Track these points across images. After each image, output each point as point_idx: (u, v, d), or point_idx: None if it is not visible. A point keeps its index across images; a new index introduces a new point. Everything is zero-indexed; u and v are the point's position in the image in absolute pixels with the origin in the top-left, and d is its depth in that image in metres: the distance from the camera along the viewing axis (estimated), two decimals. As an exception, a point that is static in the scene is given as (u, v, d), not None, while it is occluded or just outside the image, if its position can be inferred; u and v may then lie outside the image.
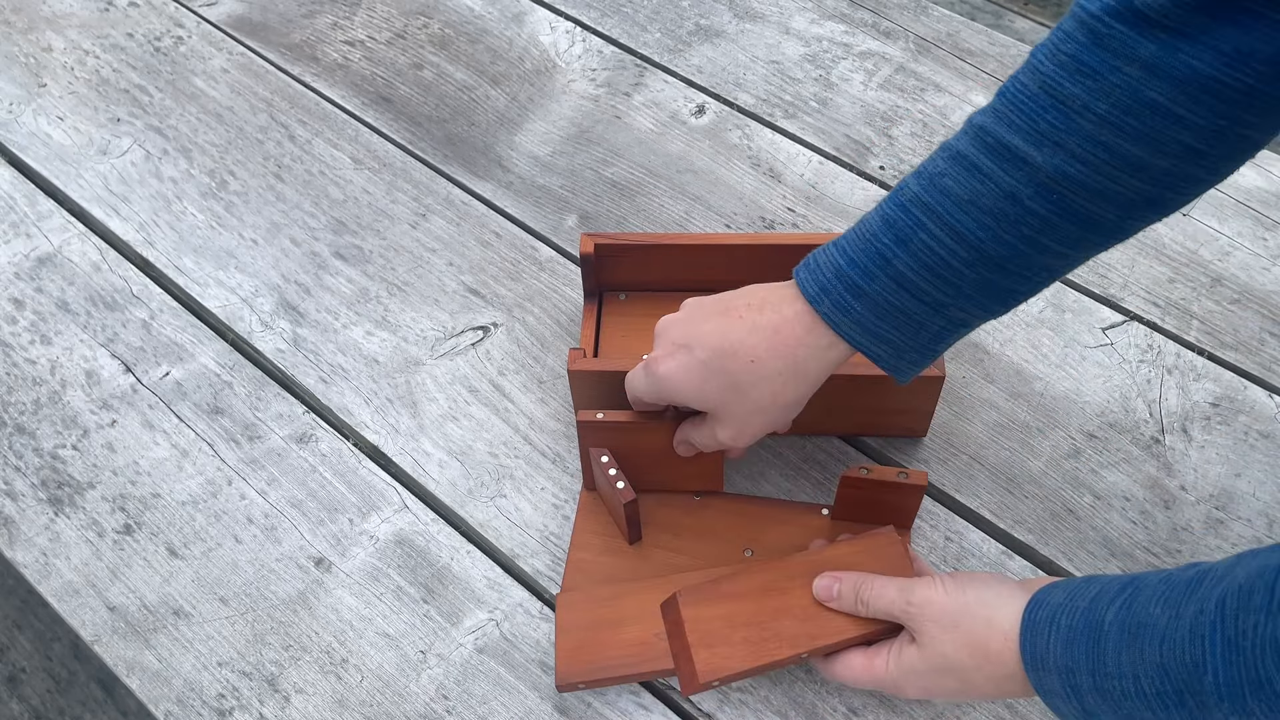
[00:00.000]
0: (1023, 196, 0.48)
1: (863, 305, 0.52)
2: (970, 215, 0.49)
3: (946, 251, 0.50)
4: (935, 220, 0.50)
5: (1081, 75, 0.46)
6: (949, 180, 0.50)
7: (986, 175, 0.49)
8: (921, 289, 0.51)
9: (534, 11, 1.00)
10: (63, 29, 0.99)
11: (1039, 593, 0.50)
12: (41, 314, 0.80)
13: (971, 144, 0.50)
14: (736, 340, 0.55)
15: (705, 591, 0.58)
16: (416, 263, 0.82)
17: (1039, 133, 0.48)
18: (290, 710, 0.62)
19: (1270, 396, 0.73)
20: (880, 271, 0.51)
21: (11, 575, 1.36)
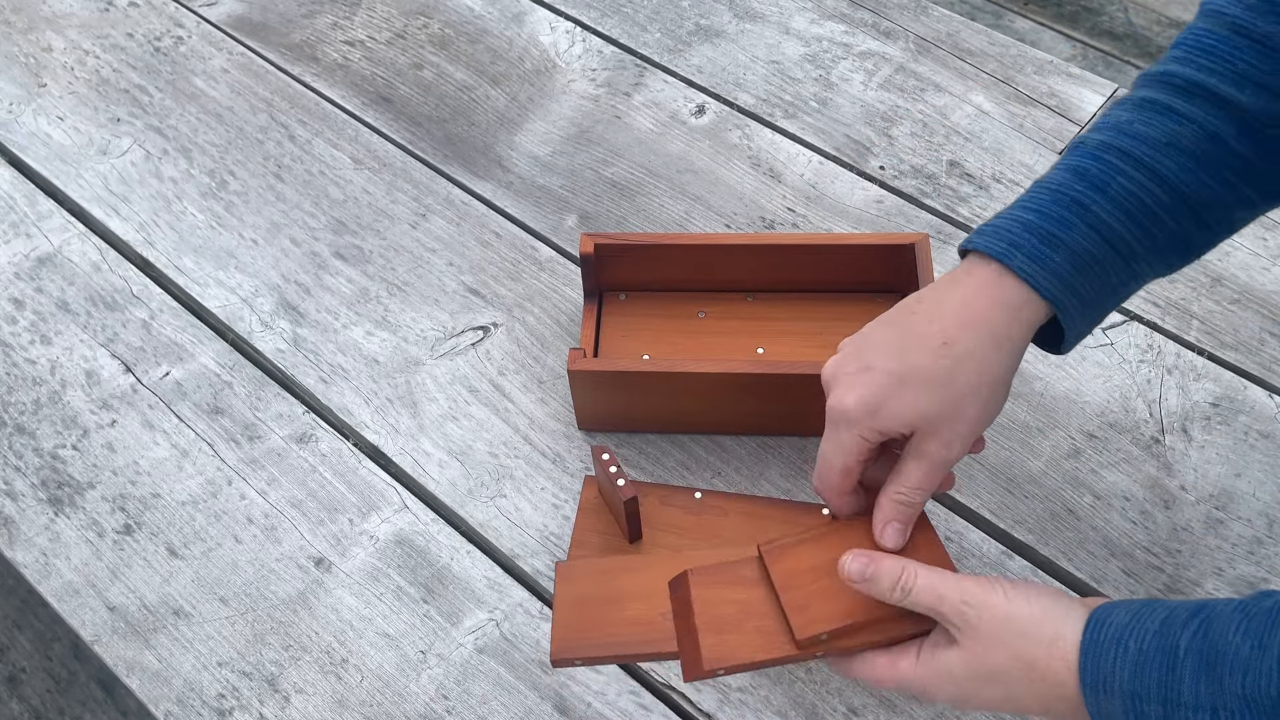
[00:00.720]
0: (1227, 137, 0.46)
1: (1061, 255, 0.48)
2: (1171, 157, 0.47)
3: (1149, 196, 0.48)
4: (1133, 164, 0.47)
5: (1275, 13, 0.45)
6: (1140, 126, 0.48)
7: (1185, 117, 0.47)
8: (1121, 236, 0.48)
9: (534, 11, 1.00)
10: (63, 29, 0.99)
11: (1098, 611, 0.46)
12: (41, 314, 0.80)
13: (1159, 90, 0.47)
14: (920, 332, 0.50)
15: (719, 573, 0.54)
16: (416, 263, 0.82)
17: (1237, 73, 0.46)
18: (290, 710, 0.62)
19: (1270, 396, 0.73)
20: (1078, 219, 0.48)
21: (11, 575, 1.36)
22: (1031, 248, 0.49)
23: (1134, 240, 0.49)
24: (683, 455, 0.71)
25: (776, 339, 0.73)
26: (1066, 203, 0.49)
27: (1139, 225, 0.48)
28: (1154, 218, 0.48)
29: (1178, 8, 2.20)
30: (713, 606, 0.53)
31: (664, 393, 0.68)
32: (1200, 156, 0.47)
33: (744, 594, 0.53)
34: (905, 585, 0.49)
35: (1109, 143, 0.48)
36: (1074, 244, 0.49)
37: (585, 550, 0.66)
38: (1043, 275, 0.49)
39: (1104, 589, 0.65)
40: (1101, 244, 0.49)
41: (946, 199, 0.85)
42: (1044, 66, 0.94)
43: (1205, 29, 0.47)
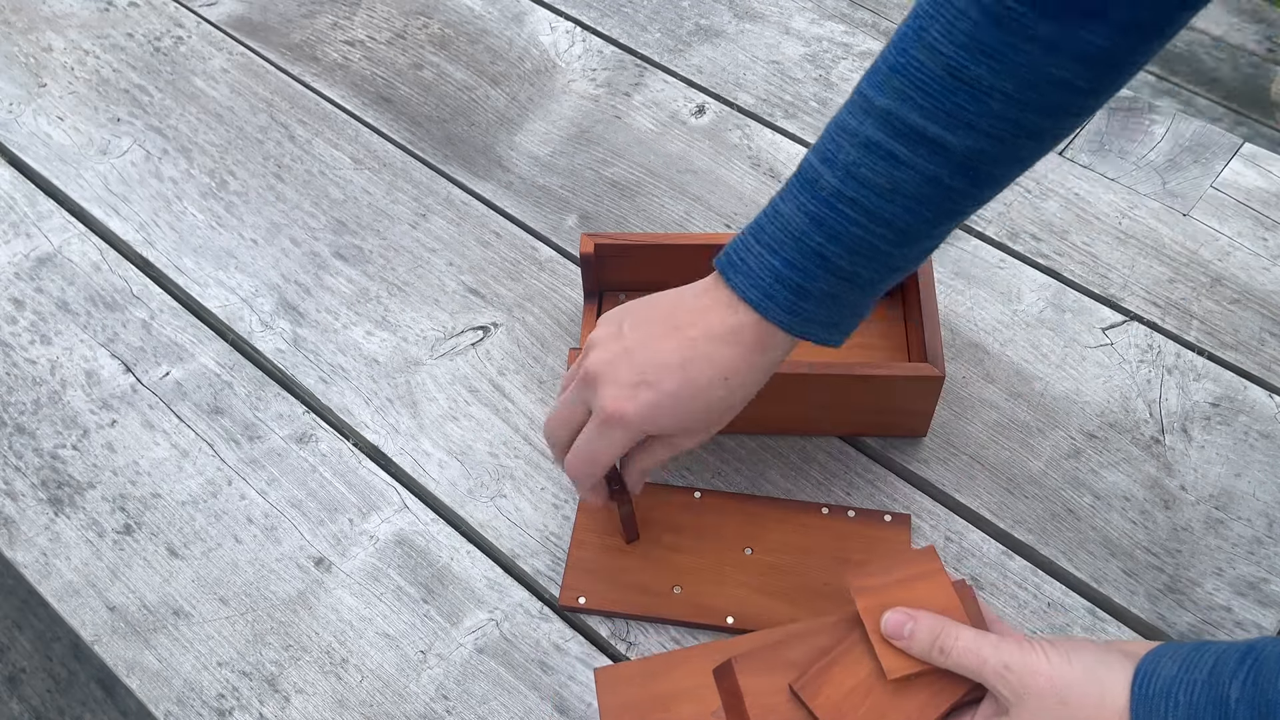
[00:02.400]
0: (943, 177, 0.50)
1: (810, 303, 0.53)
2: (895, 203, 0.51)
3: (877, 239, 0.52)
4: (863, 213, 0.51)
5: (984, 56, 0.47)
6: (866, 171, 0.51)
7: (905, 163, 0.50)
8: (858, 274, 0.53)
9: (534, 11, 1.00)
10: (63, 29, 0.99)
11: (1145, 662, 0.46)
12: (41, 314, 0.80)
13: (881, 130, 0.50)
14: (702, 367, 0.55)
15: (763, 658, 0.52)
16: (416, 263, 0.82)
17: (949, 115, 0.49)
18: (290, 710, 0.62)
19: (1270, 396, 0.73)
20: (819, 269, 0.53)
21: (11, 575, 1.36)
22: (784, 299, 0.53)
23: (871, 274, 0.53)
24: (683, 455, 0.71)
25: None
26: (808, 253, 0.53)
27: (874, 262, 0.53)
28: (885, 256, 0.53)
29: (1178, 8, 2.19)
30: (764, 696, 0.51)
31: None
32: (922, 199, 0.51)
33: (791, 678, 0.52)
34: (944, 646, 0.50)
35: (840, 190, 0.52)
36: (820, 291, 0.53)
37: (585, 550, 0.66)
38: (798, 324, 0.54)
39: (1104, 589, 0.65)
40: (844, 284, 0.53)
41: (946, 199, 0.85)
42: (1044, 66, 0.94)
43: (920, 63, 0.49)
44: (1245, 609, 0.64)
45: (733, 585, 0.64)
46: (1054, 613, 0.64)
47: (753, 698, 0.50)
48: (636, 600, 0.64)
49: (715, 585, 0.65)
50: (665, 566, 0.65)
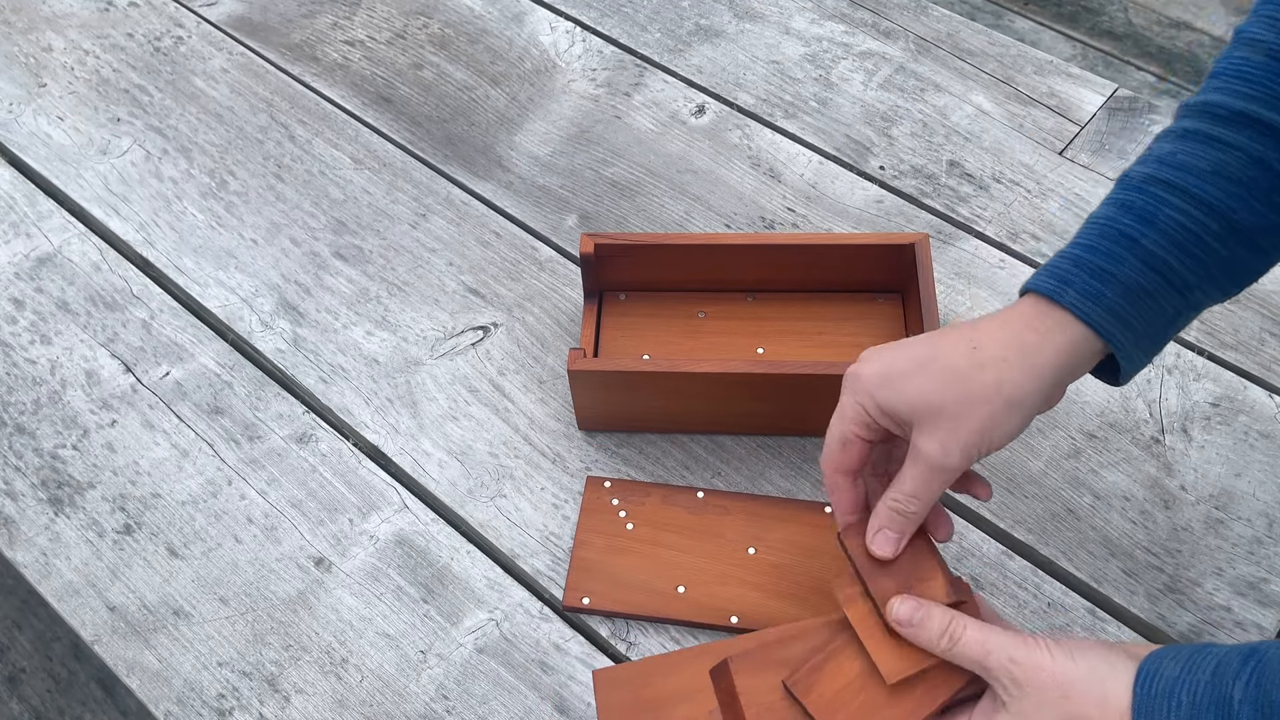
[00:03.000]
0: (1273, 162, 0.47)
1: (1113, 290, 0.48)
2: (1218, 186, 0.47)
3: (1198, 225, 0.47)
4: (1180, 195, 0.48)
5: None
6: (1184, 156, 0.48)
7: (1229, 144, 0.47)
8: (1172, 268, 0.48)
9: (534, 11, 1.00)
10: (63, 29, 0.99)
11: (1148, 662, 0.45)
12: (41, 314, 0.80)
13: (1200, 120, 0.48)
14: (953, 334, 0.50)
15: (758, 658, 0.52)
16: (416, 263, 0.82)
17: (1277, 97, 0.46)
18: (290, 710, 0.62)
19: (1270, 396, 0.73)
20: (1128, 253, 0.48)
21: (11, 575, 1.36)
22: (1083, 283, 0.48)
23: (1186, 271, 0.48)
24: (683, 455, 0.71)
25: (776, 339, 0.73)
26: (1115, 236, 0.49)
27: (1191, 256, 0.48)
28: (1206, 247, 0.48)
29: (1178, 8, 2.20)
30: (760, 695, 0.51)
31: (664, 393, 0.68)
32: (1248, 183, 0.47)
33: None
34: (953, 634, 0.49)
35: (1153, 175, 0.48)
36: (1126, 278, 0.48)
37: (589, 551, 0.66)
38: (1095, 310, 0.48)
39: (1104, 589, 0.65)
40: (1154, 276, 0.48)
41: (946, 199, 0.85)
42: (1044, 66, 0.94)
43: (1243, 57, 0.47)
44: (1245, 609, 0.64)
45: (736, 585, 0.64)
46: (1054, 613, 0.64)
47: (748, 696, 0.50)
48: (640, 600, 0.64)
49: (719, 585, 0.65)
50: (669, 566, 0.65)
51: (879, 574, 0.52)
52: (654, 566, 0.65)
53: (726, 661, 0.51)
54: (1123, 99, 0.91)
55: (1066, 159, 0.87)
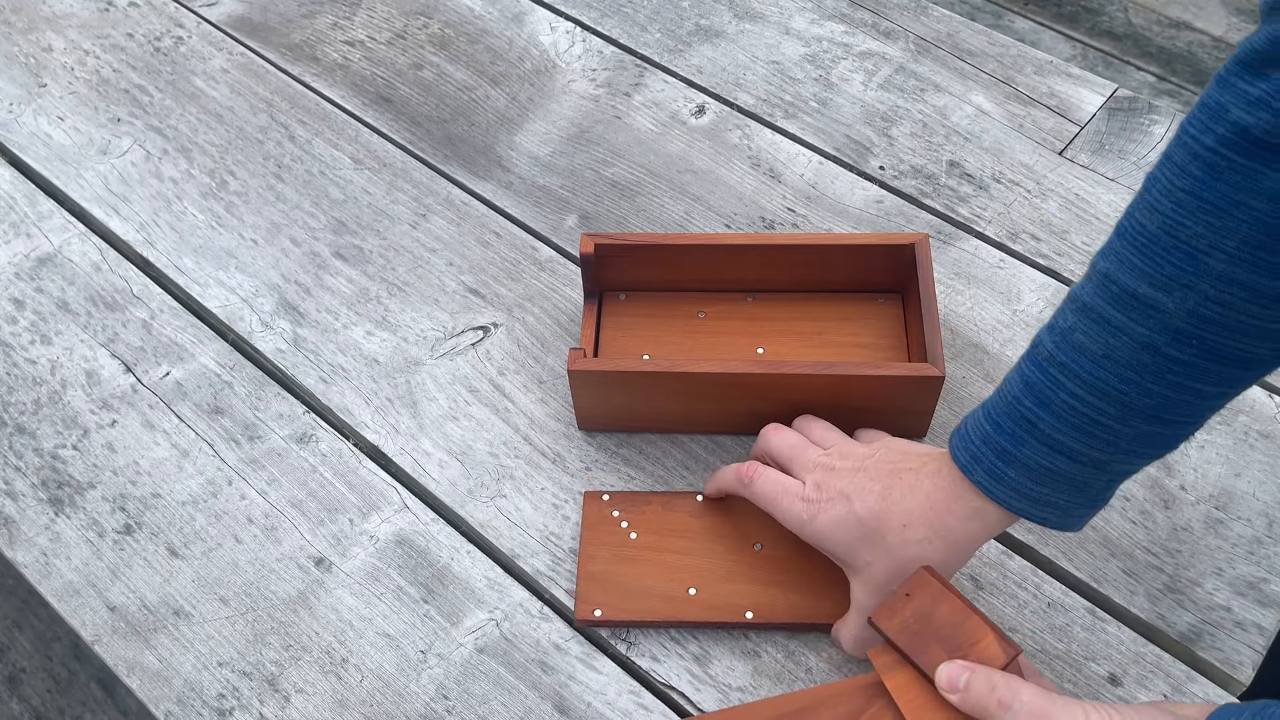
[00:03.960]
0: (1160, 345, 0.46)
1: (1016, 471, 0.51)
2: (1109, 370, 0.47)
3: (1093, 410, 0.48)
4: (1074, 379, 0.48)
5: (1203, 213, 0.44)
6: (1080, 335, 0.48)
7: (1118, 328, 0.47)
8: (1074, 450, 0.49)
9: (534, 11, 1.00)
10: (63, 29, 0.99)
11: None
12: (41, 314, 0.80)
13: (1097, 294, 0.48)
14: (895, 503, 0.55)
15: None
16: (416, 263, 0.82)
17: (1166, 277, 0.45)
18: (290, 710, 0.62)
19: (1270, 396, 0.73)
20: (1028, 435, 0.50)
21: (11, 575, 1.36)
22: (989, 463, 0.51)
23: (1092, 450, 0.49)
24: (683, 455, 0.71)
25: (776, 339, 0.73)
26: (1018, 418, 0.50)
27: (1093, 437, 0.49)
28: (1106, 429, 0.49)
29: (1178, 8, 2.20)
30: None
31: (664, 393, 0.68)
32: (1138, 367, 0.47)
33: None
34: (1004, 700, 0.46)
35: (1053, 355, 0.50)
36: (1028, 460, 0.50)
37: (596, 564, 0.65)
38: (1003, 491, 0.51)
39: (1104, 589, 0.65)
40: (1058, 458, 0.50)
41: (946, 199, 0.85)
42: (1044, 67, 0.94)
43: (1140, 224, 0.46)
44: (1245, 609, 0.64)
45: (746, 582, 0.64)
46: (1054, 613, 0.64)
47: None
48: (653, 606, 0.64)
49: (729, 584, 0.65)
50: (677, 570, 0.65)
51: (923, 645, 0.50)
52: (662, 572, 0.65)
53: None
54: (1123, 99, 0.91)
55: (1066, 159, 0.87)
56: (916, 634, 0.50)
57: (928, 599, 0.51)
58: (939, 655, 0.49)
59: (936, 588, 0.51)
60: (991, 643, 0.49)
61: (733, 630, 0.64)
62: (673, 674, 0.63)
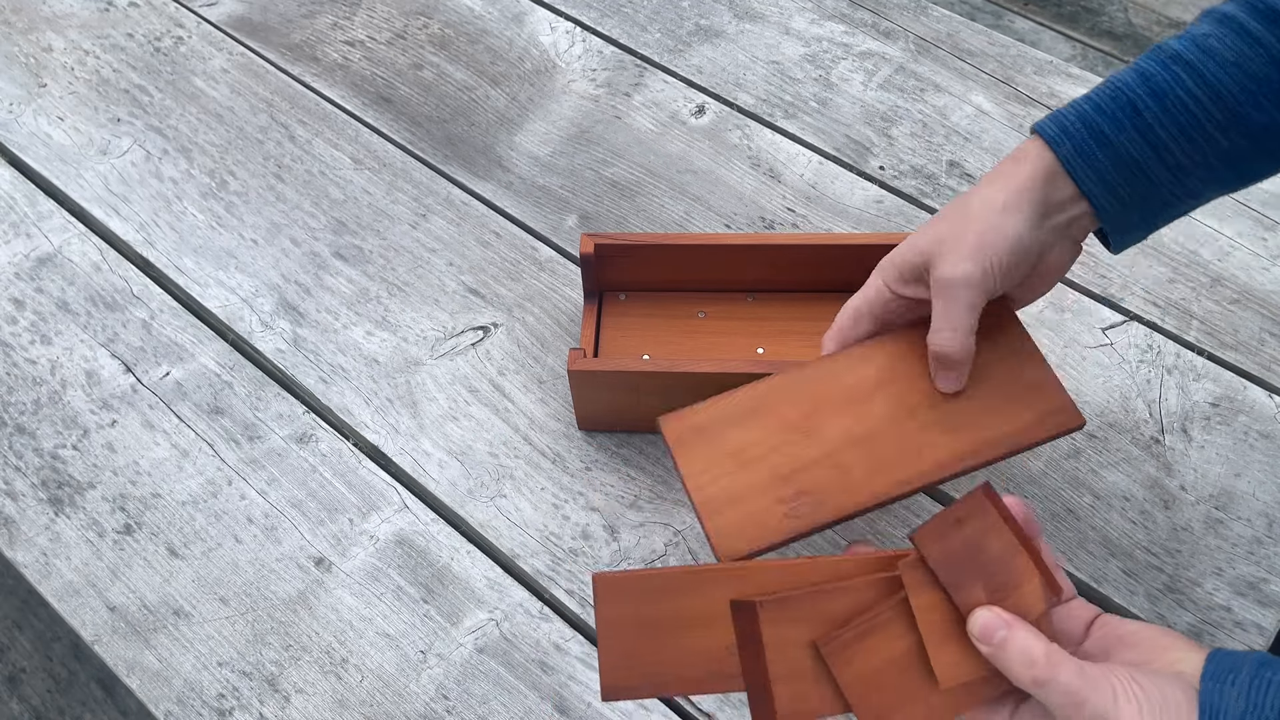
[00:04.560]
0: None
1: (1105, 154, 0.50)
2: (1233, 77, 0.48)
3: (1203, 112, 0.49)
4: (1195, 77, 0.49)
5: None
6: (1214, 41, 0.49)
7: (1256, 39, 0.48)
8: (1168, 147, 0.50)
9: (534, 11, 1.00)
10: (63, 29, 0.99)
11: (1208, 691, 0.43)
12: (42, 314, 0.80)
13: (1242, 8, 0.49)
14: (984, 181, 0.54)
15: (791, 608, 0.45)
16: (416, 263, 0.82)
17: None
18: (290, 710, 0.62)
19: (1270, 396, 0.73)
20: (1129, 122, 0.50)
21: (11, 575, 1.36)
22: (1080, 139, 0.51)
23: (1181, 154, 0.50)
24: (683, 455, 0.71)
25: (776, 339, 0.73)
26: (1123, 103, 0.50)
27: (1189, 139, 0.49)
28: (1206, 135, 0.49)
29: (1178, 8, 2.20)
30: (786, 649, 0.45)
31: (664, 393, 0.68)
32: (1263, 80, 0.48)
33: (822, 633, 0.45)
34: (1040, 678, 0.43)
35: (1180, 53, 0.50)
36: (1120, 145, 0.50)
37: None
38: (1084, 170, 0.51)
39: (1104, 589, 0.65)
40: (1148, 150, 0.50)
41: (946, 199, 0.85)
42: (1044, 67, 0.94)
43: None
44: (1245, 609, 0.64)
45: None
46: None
47: (774, 651, 0.45)
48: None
49: None
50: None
51: (963, 580, 0.46)
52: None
53: (756, 605, 0.45)
54: (1123, 99, 0.91)
55: (1066, 159, 0.87)
56: (960, 567, 0.46)
57: (979, 529, 0.46)
58: (977, 595, 0.45)
59: (993, 518, 0.46)
60: (1035, 589, 0.46)
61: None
62: (673, 674, 0.63)
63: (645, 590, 0.47)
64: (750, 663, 0.46)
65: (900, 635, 0.45)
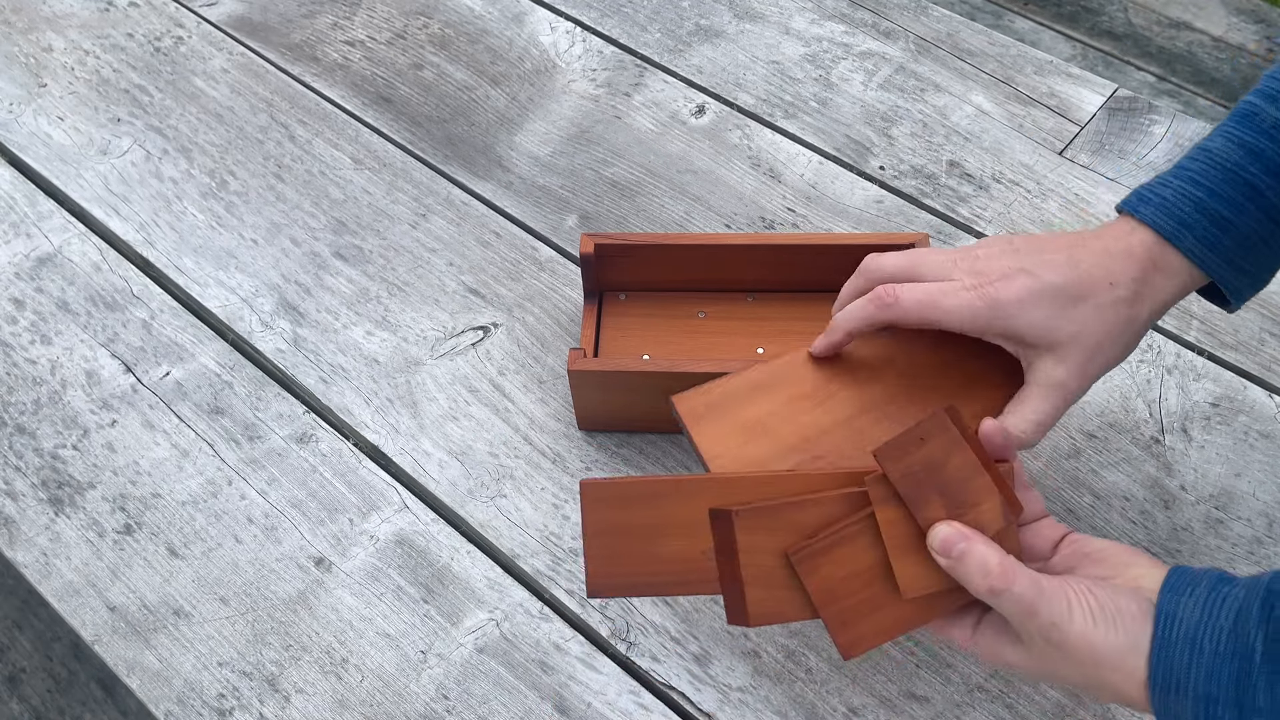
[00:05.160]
0: None
1: (1231, 239, 0.50)
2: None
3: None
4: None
5: None
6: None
7: None
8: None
9: (534, 11, 1.00)
10: (63, 29, 0.99)
11: (1165, 601, 0.45)
12: (42, 314, 0.80)
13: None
14: (1092, 265, 0.51)
15: (766, 518, 0.48)
16: (416, 263, 0.82)
17: None
18: (290, 710, 0.62)
19: (1270, 396, 0.73)
20: (1251, 204, 0.50)
21: (11, 575, 1.36)
22: (1202, 230, 0.50)
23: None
24: (683, 455, 0.71)
25: (776, 339, 0.73)
26: (1240, 185, 0.50)
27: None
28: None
29: (1178, 8, 2.20)
30: (760, 556, 0.47)
31: (664, 393, 0.68)
32: None
33: (795, 542, 0.48)
34: (996, 587, 0.45)
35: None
36: (1245, 228, 0.50)
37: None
38: (1211, 258, 0.51)
39: (1104, 589, 0.65)
40: (1272, 226, 0.50)
41: (946, 199, 0.85)
42: (1044, 66, 0.94)
43: None
44: (1245, 609, 0.64)
45: None
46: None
47: (748, 555, 0.47)
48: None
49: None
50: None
51: (924, 496, 0.47)
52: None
53: (731, 513, 0.48)
54: (1123, 99, 0.91)
55: (1066, 159, 0.87)
56: (920, 483, 0.47)
57: (941, 447, 0.47)
58: (937, 510, 0.47)
59: (954, 436, 0.47)
60: (993, 507, 0.47)
61: None
62: (673, 674, 0.63)
63: (630, 496, 0.50)
64: (726, 567, 0.48)
65: (867, 548, 0.48)
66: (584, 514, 0.50)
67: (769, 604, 0.48)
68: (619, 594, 0.51)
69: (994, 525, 0.47)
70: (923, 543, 0.48)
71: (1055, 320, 0.51)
